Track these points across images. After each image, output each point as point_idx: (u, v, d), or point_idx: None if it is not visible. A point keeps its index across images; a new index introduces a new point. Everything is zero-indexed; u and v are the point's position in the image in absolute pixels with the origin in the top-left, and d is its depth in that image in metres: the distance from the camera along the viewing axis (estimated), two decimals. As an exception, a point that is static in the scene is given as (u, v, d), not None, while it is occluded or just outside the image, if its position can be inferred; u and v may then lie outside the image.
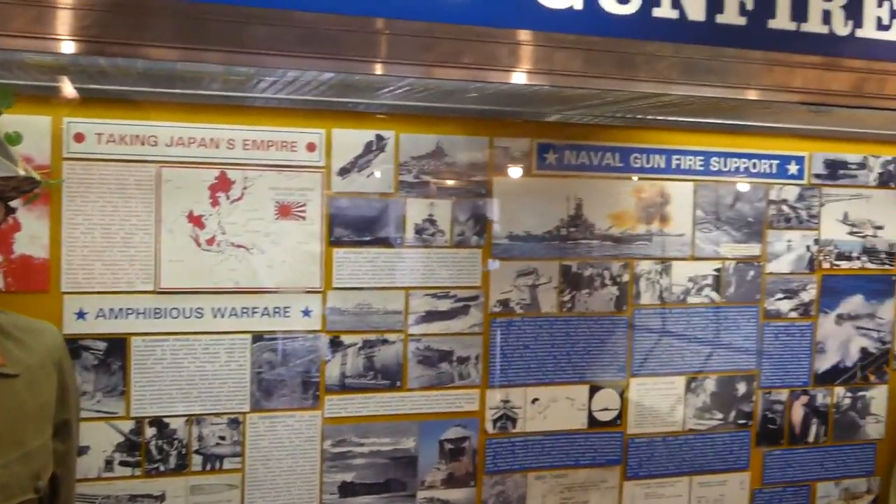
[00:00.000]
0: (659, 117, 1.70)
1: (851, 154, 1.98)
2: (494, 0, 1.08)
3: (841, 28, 1.26)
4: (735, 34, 1.18)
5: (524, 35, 1.08)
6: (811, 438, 2.00)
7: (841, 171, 1.97)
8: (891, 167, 2.01)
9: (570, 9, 1.08)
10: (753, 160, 1.90)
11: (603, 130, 1.79)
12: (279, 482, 1.61)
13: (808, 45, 1.23)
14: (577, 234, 1.78)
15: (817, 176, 1.96)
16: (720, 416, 1.92)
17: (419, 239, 1.68)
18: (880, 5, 1.28)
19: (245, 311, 1.56)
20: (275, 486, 1.61)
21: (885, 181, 2.01)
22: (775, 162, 1.92)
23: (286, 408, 1.61)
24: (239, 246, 1.55)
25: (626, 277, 1.82)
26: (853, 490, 2.05)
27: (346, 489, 1.66)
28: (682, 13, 1.15)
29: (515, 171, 1.73)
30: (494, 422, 1.75)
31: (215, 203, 1.52)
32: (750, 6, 1.19)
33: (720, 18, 1.17)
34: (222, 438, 1.57)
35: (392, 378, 1.67)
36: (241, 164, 1.54)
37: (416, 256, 1.68)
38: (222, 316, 1.55)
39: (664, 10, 1.14)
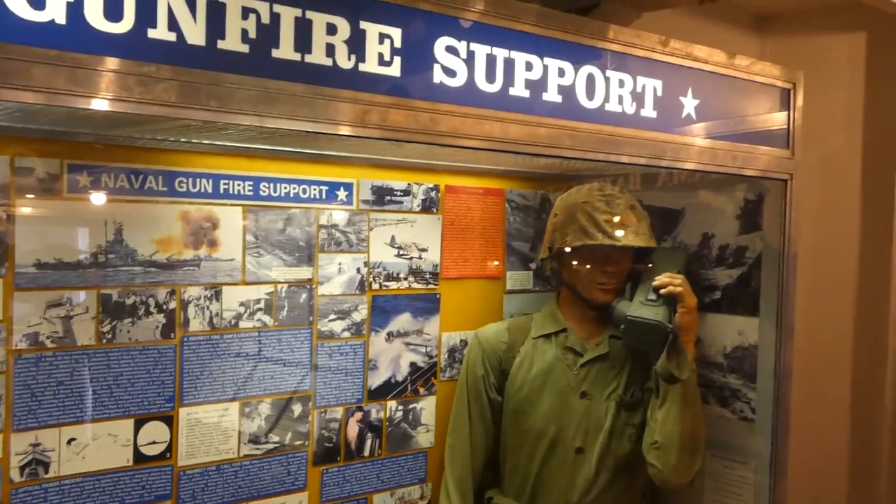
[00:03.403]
0: (195, 140, 1.77)
1: (397, 181, 2.20)
2: None
3: (345, 62, 1.39)
4: (238, 61, 1.26)
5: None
6: (367, 452, 2.17)
7: (387, 198, 2.19)
8: (433, 194, 2.27)
9: (53, 22, 1.09)
10: (304, 185, 2.04)
11: (145, 152, 1.80)
12: None
13: (312, 76, 1.34)
14: (116, 260, 1.76)
15: (365, 202, 2.14)
16: (276, 439, 2.01)
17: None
18: (381, 42, 1.43)
19: None
20: None
21: (427, 207, 2.26)
22: (325, 188, 2.07)
23: None
24: None
25: (172, 304, 1.84)
26: (407, 498, 2.25)
27: None
28: (181, 36, 1.21)
29: (42, 194, 1.68)
30: (22, 468, 1.67)
31: None
32: (252, 34, 1.28)
33: (221, 45, 1.25)
34: None
35: None
36: None
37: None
38: None
39: (160, 32, 1.19)
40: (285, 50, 1.31)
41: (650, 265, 2.15)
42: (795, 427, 2.14)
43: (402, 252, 2.21)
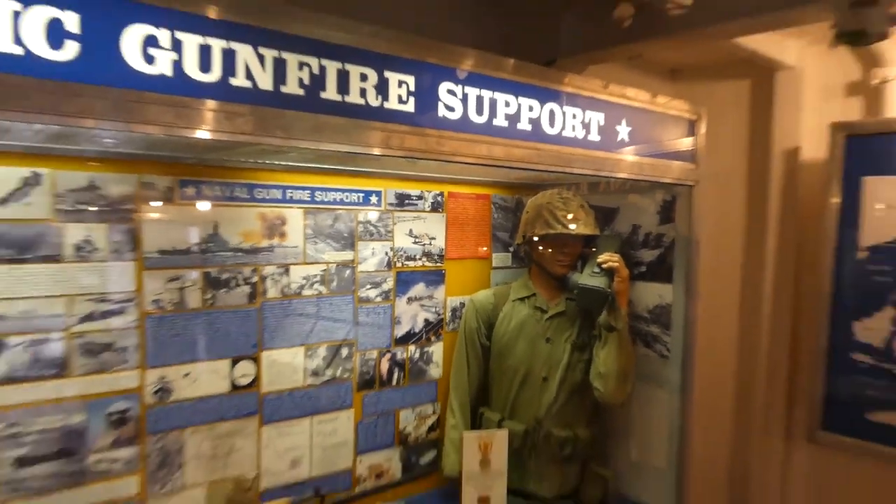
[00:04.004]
0: (268, 161, 1.75)
1: (413, 189, 2.18)
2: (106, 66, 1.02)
3: (374, 101, 1.36)
4: (296, 101, 1.24)
5: (156, 97, 1.04)
6: (394, 382, 2.16)
7: (406, 201, 2.17)
8: (439, 198, 2.25)
9: (163, 75, 1.07)
10: (346, 193, 2.01)
11: (233, 170, 1.79)
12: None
13: (351, 111, 1.32)
14: (214, 248, 1.75)
15: (391, 204, 2.12)
16: (331, 372, 2.01)
17: (78, 255, 1.54)
18: (400, 86, 1.40)
19: None
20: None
21: (435, 207, 2.24)
22: (361, 194, 2.05)
23: (-56, 405, 1.38)
24: None
25: (255, 279, 1.83)
26: (423, 413, 2.25)
27: (21, 462, 1.47)
28: (255, 83, 1.19)
29: (162, 201, 1.67)
30: (154, 393, 1.67)
31: None
32: (307, 81, 1.26)
33: (284, 89, 1.23)
34: None
35: (58, 368, 1.52)
36: None
37: (75, 269, 1.54)
38: None
39: (240, 80, 1.17)
40: (330, 92, 1.29)
41: (594, 248, 2.13)
42: (697, 361, 2.12)
43: (417, 240, 2.20)
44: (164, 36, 1.07)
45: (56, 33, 0.98)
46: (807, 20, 1.66)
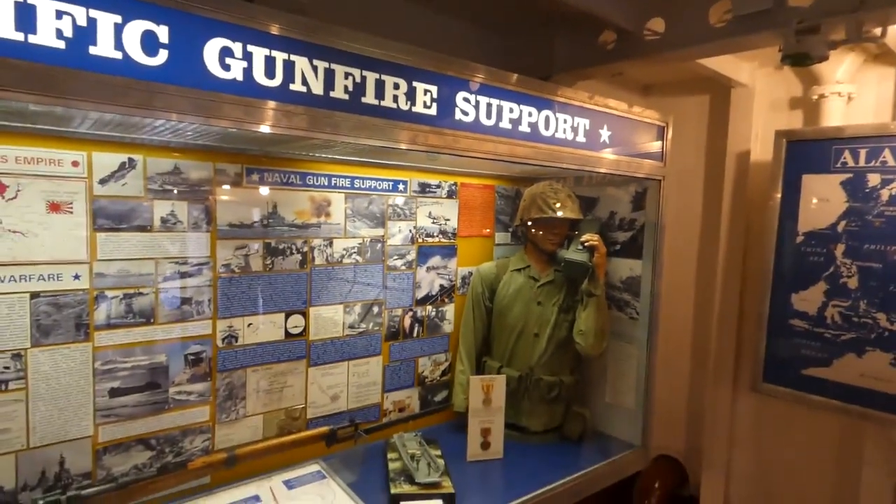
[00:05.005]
0: (319, 154, 1.77)
1: (433, 179, 2.18)
2: (195, 70, 1.04)
3: (404, 105, 1.37)
4: (342, 104, 1.25)
5: (220, 97, 1.06)
6: (415, 334, 2.18)
7: (427, 189, 2.17)
8: (453, 187, 2.24)
9: (234, 80, 1.09)
10: (379, 181, 2.02)
11: (289, 161, 1.80)
12: (59, 394, 1.43)
13: (385, 114, 1.34)
14: (274, 223, 1.78)
15: (414, 191, 2.13)
16: (364, 326, 2.03)
17: (164, 227, 1.57)
18: (425, 94, 1.40)
19: (22, 277, 1.35)
20: (55, 397, 1.42)
21: (449, 195, 2.24)
22: (391, 183, 2.06)
23: (62, 342, 1.42)
24: (15, 231, 1.33)
25: (305, 249, 1.85)
26: (437, 360, 2.27)
27: (115, 392, 1.52)
28: (309, 88, 1.21)
29: (232, 185, 1.69)
30: (223, 339, 1.70)
31: (-6, 201, 1.30)
32: (350, 88, 1.27)
33: (332, 94, 1.24)
34: (6, 368, 1.35)
35: (147, 317, 1.56)
36: (15, 174, 1.33)
37: (162, 238, 1.57)
38: (2, 281, 1.33)
39: (297, 86, 1.18)
40: (370, 97, 1.30)
41: (578, 230, 2.13)
42: (661, 323, 2.14)
43: (435, 221, 2.20)
44: (237, 48, 1.09)
45: (150, 42, 1.00)
46: (759, 45, 1.65)
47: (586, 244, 2.03)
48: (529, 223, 2.16)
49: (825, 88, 2.37)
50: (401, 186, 2.09)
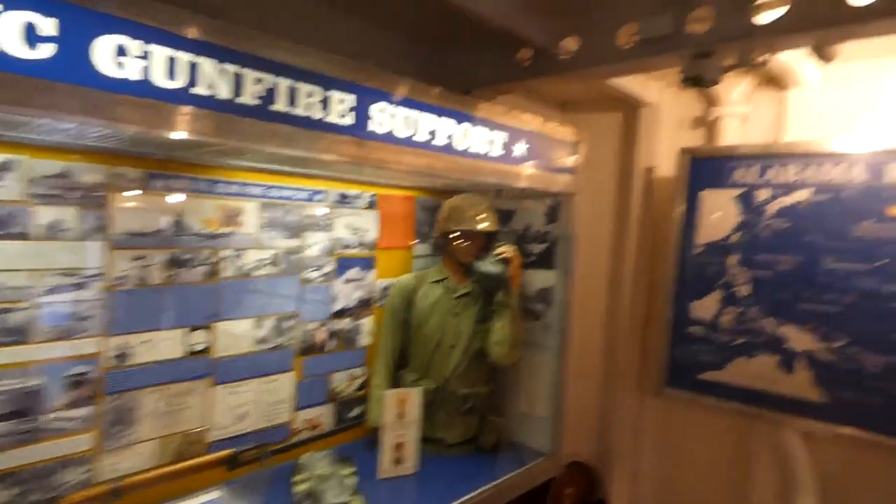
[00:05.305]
0: (236, 161, 1.69)
1: (353, 190, 2.14)
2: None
3: (318, 114, 1.35)
4: (250, 110, 1.21)
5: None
6: (329, 349, 2.13)
7: (346, 200, 2.13)
8: (372, 198, 2.23)
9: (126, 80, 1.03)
10: (296, 191, 1.97)
11: (196, 167, 1.71)
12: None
13: (297, 122, 1.30)
14: (179, 232, 1.68)
15: (334, 201, 2.09)
16: (277, 340, 1.96)
17: (49, 235, 1.44)
18: (341, 103, 1.38)
19: None
20: None
21: (370, 206, 2.22)
22: (309, 192, 2.01)
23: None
24: None
25: (213, 260, 1.77)
26: (353, 374, 2.23)
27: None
28: (215, 92, 1.16)
29: (132, 190, 1.58)
30: (115, 357, 1.58)
31: None
32: (262, 93, 1.23)
33: (239, 99, 1.20)
34: None
35: (21, 335, 1.41)
36: None
37: (46, 247, 1.44)
38: None
39: (201, 89, 1.13)
40: (281, 104, 1.27)
41: (495, 243, 2.18)
42: (572, 331, 2.22)
43: (354, 232, 2.17)
44: (134, 46, 1.03)
45: (32, 35, 0.92)
46: (662, 66, 1.77)
47: (501, 256, 2.08)
48: (448, 235, 2.19)
49: (722, 109, 2.58)
50: (319, 196, 2.04)
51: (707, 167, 2.47)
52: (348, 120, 1.40)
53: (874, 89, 2.28)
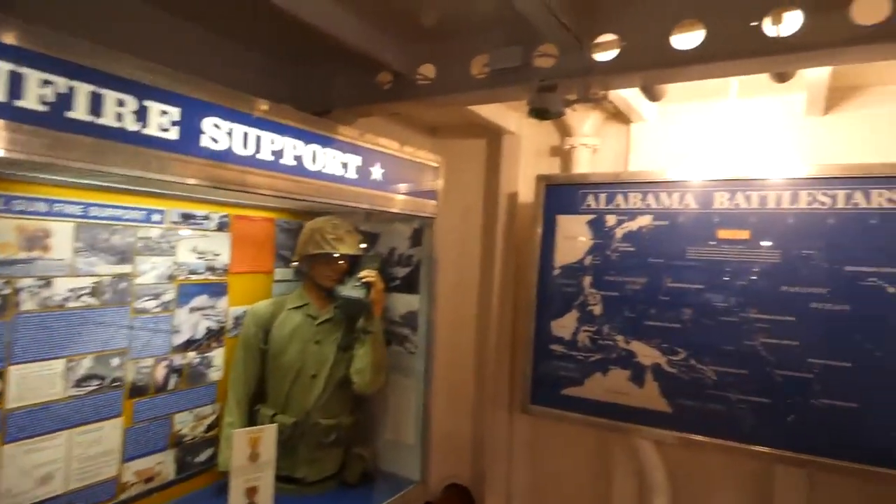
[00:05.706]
0: (28, 174, 1.45)
1: (199, 210, 1.96)
2: None
3: (132, 125, 1.19)
4: (35, 116, 1.04)
5: None
6: (171, 387, 1.91)
7: (191, 220, 1.95)
8: (224, 219, 2.05)
9: None
10: (125, 210, 1.75)
11: (-12, 182, 1.44)
12: None
13: (102, 133, 1.15)
14: (-44, 259, 1.39)
15: (174, 222, 1.89)
16: (98, 382, 1.70)
17: None
18: (163, 115, 1.25)
19: None
20: None
21: (220, 227, 2.04)
22: (143, 212, 1.80)
23: None
24: None
25: (7, 291, 1.49)
26: (201, 414, 2.02)
27: None
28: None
29: None
30: None
31: None
32: (51, 99, 1.06)
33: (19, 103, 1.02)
34: None
35: None
36: None
37: None
38: None
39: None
40: (79, 112, 1.10)
41: (359, 265, 2.11)
42: (438, 355, 2.20)
43: (201, 256, 1.98)
44: None
45: None
46: (511, 98, 1.83)
47: (364, 280, 2.01)
48: (309, 258, 2.07)
49: (575, 140, 2.75)
50: (156, 216, 1.83)
51: (561, 193, 2.61)
52: (172, 135, 1.25)
53: (701, 126, 2.56)
